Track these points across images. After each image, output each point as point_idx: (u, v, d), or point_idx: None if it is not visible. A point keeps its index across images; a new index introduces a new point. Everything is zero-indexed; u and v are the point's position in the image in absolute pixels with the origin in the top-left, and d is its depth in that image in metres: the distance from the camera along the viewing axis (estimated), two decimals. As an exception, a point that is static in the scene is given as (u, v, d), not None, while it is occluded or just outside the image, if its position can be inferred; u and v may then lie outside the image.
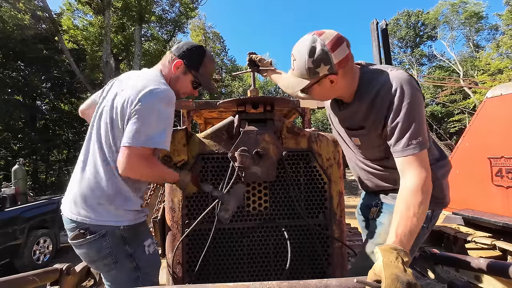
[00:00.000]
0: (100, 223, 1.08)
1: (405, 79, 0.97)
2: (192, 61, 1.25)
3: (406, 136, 0.94)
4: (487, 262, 1.70)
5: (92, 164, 1.12)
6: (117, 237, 1.10)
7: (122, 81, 1.23)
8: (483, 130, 3.27)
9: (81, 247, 1.10)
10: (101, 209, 1.09)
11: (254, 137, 1.29)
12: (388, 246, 0.75)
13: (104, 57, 14.97)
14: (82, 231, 1.07)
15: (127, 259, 1.11)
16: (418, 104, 0.95)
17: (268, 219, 1.37)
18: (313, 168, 1.40)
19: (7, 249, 4.05)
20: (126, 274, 1.12)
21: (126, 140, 1.03)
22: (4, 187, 4.99)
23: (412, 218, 0.82)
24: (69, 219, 1.12)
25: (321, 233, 1.38)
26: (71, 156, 20.62)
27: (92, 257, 1.10)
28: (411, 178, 0.90)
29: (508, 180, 3.00)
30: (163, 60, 1.28)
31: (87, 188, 1.10)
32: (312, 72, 0.99)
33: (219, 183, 1.34)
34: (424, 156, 0.94)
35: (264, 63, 1.57)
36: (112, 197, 1.10)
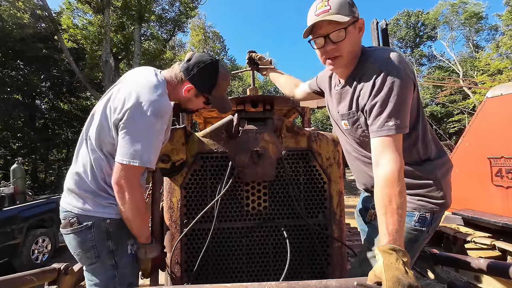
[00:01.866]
0: (87, 214, 1.09)
1: (393, 61, 0.94)
2: (203, 84, 1.19)
3: (383, 115, 0.91)
4: (487, 262, 1.69)
5: (81, 161, 1.14)
6: (102, 231, 1.10)
7: (116, 84, 1.22)
8: (483, 130, 3.27)
9: (68, 236, 1.12)
10: (88, 200, 1.11)
11: (253, 136, 1.28)
12: (387, 247, 0.74)
13: (103, 56, 14.94)
14: (71, 220, 1.09)
15: (108, 255, 1.11)
16: (401, 86, 0.91)
17: (267, 219, 1.36)
18: (312, 167, 1.39)
19: (5, 248, 4.03)
20: (104, 271, 1.11)
21: (119, 157, 1.04)
22: (3, 186, 4.97)
23: (396, 210, 0.81)
24: (62, 207, 1.15)
25: (320, 233, 1.37)
26: (70, 156, 20.58)
27: (76, 248, 1.11)
28: (386, 165, 0.87)
29: (508, 180, 2.99)
30: (170, 72, 1.22)
31: (75, 182, 1.13)
32: (350, 9, 0.96)
33: (218, 182, 1.33)
34: (400, 141, 0.90)
35: (264, 62, 1.56)
36: (95, 193, 1.11)
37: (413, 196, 1.04)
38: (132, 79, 1.16)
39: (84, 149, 1.15)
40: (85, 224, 1.08)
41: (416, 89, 0.99)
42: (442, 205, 1.04)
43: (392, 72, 0.92)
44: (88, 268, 1.14)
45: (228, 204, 1.35)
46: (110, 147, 1.10)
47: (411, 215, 1.04)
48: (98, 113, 1.13)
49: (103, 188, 1.12)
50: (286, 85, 1.52)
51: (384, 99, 0.91)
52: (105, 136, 1.10)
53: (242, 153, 1.24)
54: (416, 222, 1.03)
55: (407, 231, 1.02)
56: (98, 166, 1.11)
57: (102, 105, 1.15)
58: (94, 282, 1.13)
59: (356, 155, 1.17)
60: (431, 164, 1.05)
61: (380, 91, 0.92)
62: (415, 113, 1.03)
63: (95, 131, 1.12)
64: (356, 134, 1.10)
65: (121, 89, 1.12)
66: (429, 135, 1.08)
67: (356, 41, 1.02)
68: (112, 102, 1.10)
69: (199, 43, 27.61)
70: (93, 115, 1.19)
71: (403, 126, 0.91)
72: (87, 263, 1.12)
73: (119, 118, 1.04)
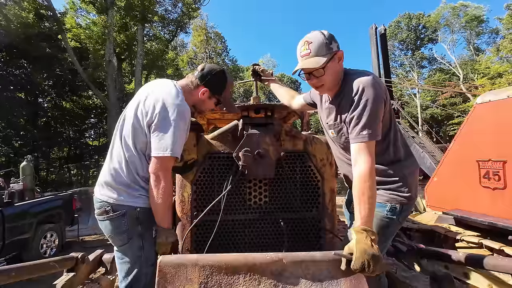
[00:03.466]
0: (121, 203, 1.28)
1: (367, 83, 1.15)
2: (215, 87, 1.44)
3: (359, 126, 1.12)
4: (465, 255, 1.88)
5: (116, 159, 1.33)
6: (133, 218, 1.29)
7: (143, 91, 1.42)
8: (473, 134, 3.43)
9: (104, 222, 1.31)
10: (122, 192, 1.30)
11: (256, 139, 1.46)
12: (359, 228, 0.93)
13: (106, 56, 15.11)
14: (107, 209, 1.28)
15: (138, 238, 1.30)
16: (373, 104, 1.12)
17: (268, 212, 1.53)
18: (308, 167, 1.57)
19: (16, 242, 4.20)
20: (133, 252, 1.30)
21: (155, 151, 1.23)
22: (13, 183, 5.15)
23: (368, 200, 1.00)
24: (98, 198, 1.33)
25: (314, 225, 1.54)
26: (72, 154, 20.73)
27: (111, 232, 1.30)
28: (361, 165, 1.07)
29: (495, 182, 3.15)
30: (187, 82, 1.45)
31: (111, 176, 1.32)
32: (328, 47, 1.19)
33: (224, 179, 1.51)
34: (372, 146, 1.10)
35: (266, 74, 1.74)
36: (129, 185, 1.30)
37: (386, 190, 1.24)
38: (157, 89, 1.36)
39: (118, 148, 1.34)
40: (119, 212, 1.27)
41: (387, 105, 1.20)
42: (409, 198, 1.24)
43: (366, 93, 1.13)
44: (120, 249, 1.33)
45: (232, 199, 1.52)
46: (142, 146, 1.30)
47: (384, 206, 1.23)
48: (130, 117, 1.33)
49: (135, 181, 1.31)
50: (284, 96, 1.71)
51: (359, 113, 1.13)
52: (138, 135, 1.29)
53: (246, 154, 1.41)
54: (388, 211, 1.23)
55: (381, 218, 1.22)
56: (132, 162, 1.30)
57: (132, 110, 1.34)
58: (124, 260, 1.32)
59: (342, 158, 1.36)
60: (400, 165, 1.26)
61: (357, 107, 1.14)
62: (388, 124, 1.24)
63: (129, 132, 1.31)
64: (341, 140, 1.31)
65: (148, 97, 1.33)
66: (399, 140, 1.28)
67: (336, 70, 1.24)
68: (143, 108, 1.30)
69: (201, 43, 27.79)
70: (124, 119, 1.38)
71: (375, 135, 1.12)
72: (119, 244, 1.31)
73: (151, 121, 1.26)
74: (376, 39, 6.91)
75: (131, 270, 1.29)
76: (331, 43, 1.20)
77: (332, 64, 1.21)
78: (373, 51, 6.96)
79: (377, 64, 6.93)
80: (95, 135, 23.50)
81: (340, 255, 0.81)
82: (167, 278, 0.72)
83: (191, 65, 27.83)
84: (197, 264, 0.75)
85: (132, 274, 1.28)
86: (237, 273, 0.75)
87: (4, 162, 14.52)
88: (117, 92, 15.94)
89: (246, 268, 0.75)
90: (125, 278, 1.29)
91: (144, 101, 1.32)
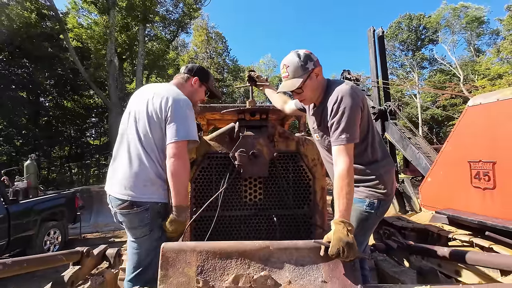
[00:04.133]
0: (145, 200, 1.38)
1: (345, 92, 1.28)
2: (203, 76, 1.66)
3: (338, 131, 1.24)
4: (450, 250, 1.98)
5: (136, 157, 1.41)
6: (155, 212, 1.40)
7: (146, 92, 1.53)
8: (465, 136, 3.53)
9: (127, 216, 1.39)
10: (146, 189, 1.39)
11: (251, 141, 1.57)
12: (338, 220, 1.05)
13: (108, 56, 15.23)
14: (131, 203, 1.37)
15: (158, 230, 1.40)
16: (350, 111, 1.24)
17: (262, 208, 1.64)
18: (300, 167, 1.67)
19: (21, 239, 4.31)
20: (151, 243, 1.40)
21: (172, 138, 1.36)
22: (17, 181, 5.26)
23: (345, 195, 1.11)
24: (117, 198, 1.41)
25: (306, 221, 1.65)
26: (73, 153, 20.87)
27: (134, 224, 1.39)
28: (340, 165, 1.19)
29: (485, 182, 3.25)
30: (178, 80, 1.64)
31: (134, 174, 1.40)
32: (303, 68, 1.33)
33: (221, 178, 1.62)
34: (350, 148, 1.22)
35: (261, 79, 1.86)
36: (154, 180, 1.40)
37: (365, 187, 1.36)
38: (159, 89, 1.51)
39: (137, 148, 1.42)
40: (143, 207, 1.37)
41: (365, 111, 1.33)
42: (385, 194, 1.36)
43: (344, 102, 1.25)
44: (138, 240, 1.41)
45: (229, 196, 1.63)
46: (160, 141, 1.42)
47: (363, 201, 1.34)
48: (143, 117, 1.44)
49: (159, 175, 1.41)
50: (277, 101, 1.82)
51: (338, 119, 1.25)
52: (156, 131, 1.41)
53: (242, 154, 1.52)
54: (367, 206, 1.35)
55: (360, 212, 1.33)
56: (154, 158, 1.41)
57: (143, 111, 1.45)
58: (139, 250, 1.41)
59: (327, 158, 1.48)
60: (377, 165, 1.37)
61: (336, 114, 1.26)
62: (366, 128, 1.36)
63: (146, 131, 1.42)
64: (324, 143, 1.43)
65: (155, 96, 1.45)
66: (376, 143, 1.40)
67: (315, 86, 1.38)
68: (153, 107, 1.43)
69: (202, 43, 27.89)
70: (135, 120, 1.47)
71: (353, 138, 1.24)
72: (140, 235, 1.39)
73: (165, 114, 1.40)
74: (374, 41, 6.99)
75: (146, 259, 1.38)
76: (307, 63, 1.33)
77: (309, 82, 1.35)
78: (371, 53, 7.04)
79: (375, 66, 7.02)
80: (96, 134, 23.63)
81: (319, 243, 0.92)
82: (169, 261, 0.83)
83: (192, 65, 27.90)
84: (195, 250, 0.86)
85: (146, 262, 1.38)
86: (230, 258, 0.85)
87: (6, 161, 14.65)
88: (118, 91, 16.07)
89: (238, 254, 0.86)
90: (138, 266, 1.39)
91: (152, 100, 1.45)
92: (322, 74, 1.38)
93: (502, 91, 3.21)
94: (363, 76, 8.65)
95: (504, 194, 3.02)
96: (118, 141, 1.51)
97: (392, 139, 6.35)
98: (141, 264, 1.39)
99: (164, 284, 0.80)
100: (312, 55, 1.35)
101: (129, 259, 1.45)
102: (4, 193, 4.32)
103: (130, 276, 1.41)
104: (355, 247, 0.93)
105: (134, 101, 1.54)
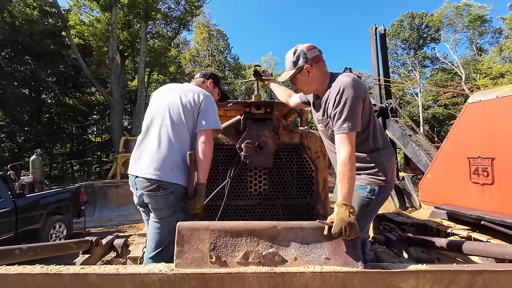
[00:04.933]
0: (171, 181, 1.48)
1: (347, 83, 1.35)
2: (215, 79, 1.89)
3: (341, 120, 1.31)
4: (447, 241, 2.05)
5: (167, 142, 1.54)
6: (179, 194, 1.50)
7: (175, 88, 1.71)
8: (464, 133, 3.58)
9: (155, 197, 1.47)
10: (173, 172, 1.49)
11: (256, 133, 1.63)
12: (341, 203, 1.11)
13: (110, 53, 15.27)
14: (158, 186, 1.46)
15: (180, 211, 1.50)
16: (352, 101, 1.31)
17: (266, 198, 1.71)
18: (303, 158, 1.74)
19: (28, 231, 4.40)
20: (173, 223, 1.46)
21: (204, 126, 1.55)
22: (23, 175, 5.35)
23: (347, 180, 1.18)
24: (145, 178, 1.50)
25: (308, 211, 1.72)
26: (75, 150, 20.98)
27: (160, 205, 1.48)
28: (342, 152, 1.26)
29: (484, 178, 3.31)
30: (196, 82, 1.85)
31: (163, 157, 1.51)
32: (295, 64, 1.45)
33: (228, 168, 1.68)
34: (352, 137, 1.29)
35: (266, 74, 1.92)
36: (180, 163, 1.52)
37: (366, 174, 1.43)
38: (189, 87, 1.71)
39: (168, 134, 1.55)
40: (169, 189, 1.47)
41: (366, 102, 1.39)
42: (385, 181, 1.43)
43: (346, 93, 1.32)
44: (162, 220, 1.50)
45: (235, 186, 1.70)
46: (192, 129, 1.59)
47: (364, 188, 1.41)
48: (178, 108, 1.59)
49: (184, 160, 1.52)
50: (282, 94, 1.88)
51: (340, 109, 1.32)
52: (189, 119, 1.58)
53: (247, 146, 1.59)
54: (368, 192, 1.41)
55: (362, 198, 1.40)
56: (186, 143, 1.57)
57: (177, 102, 1.61)
58: (161, 230, 1.50)
59: (330, 148, 1.54)
60: (378, 153, 1.44)
61: (339, 105, 1.33)
62: (367, 118, 1.43)
63: (180, 119, 1.57)
64: (328, 133, 1.50)
65: (188, 93, 1.63)
66: (377, 132, 1.46)
67: (306, 81, 1.49)
68: (186, 99, 1.61)
69: (203, 41, 27.90)
70: (169, 111, 1.60)
71: (354, 127, 1.30)
72: (164, 216, 1.49)
73: (198, 106, 1.59)
74: (376, 39, 7.02)
75: (167, 239, 1.47)
76: (298, 60, 1.45)
77: (300, 77, 1.47)
78: (373, 51, 7.08)
79: (376, 63, 7.05)
80: (97, 131, 23.73)
81: (323, 223, 0.99)
82: (184, 238, 0.90)
83: (193, 62, 27.96)
84: (208, 229, 0.93)
85: (167, 241, 1.47)
86: (240, 236, 0.92)
87: (9, 157, 14.76)
88: (120, 89, 16.13)
89: (247, 232, 0.93)
90: (159, 245, 1.49)
91: (185, 93, 1.63)
92: (320, 69, 1.46)
93: (502, 88, 3.26)
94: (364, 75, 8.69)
95: (502, 189, 3.08)
96: (144, 131, 1.64)
97: (393, 136, 6.41)
98: (163, 243, 1.48)
99: (180, 259, 0.87)
100: (309, 52, 1.44)
101: (151, 238, 1.54)
102: (12, 187, 4.40)
103: (151, 253, 1.49)
104: (357, 227, 1.00)
105: (160, 96, 1.69)
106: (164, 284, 0.81)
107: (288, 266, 0.88)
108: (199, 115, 1.60)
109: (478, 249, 1.79)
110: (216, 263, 0.87)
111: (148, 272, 0.82)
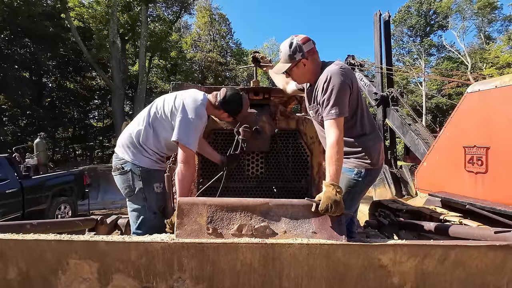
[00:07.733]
0: (128, 160, 1.59)
1: (334, 72, 1.40)
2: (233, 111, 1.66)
3: (329, 106, 1.38)
4: (435, 225, 2.15)
5: (136, 123, 1.64)
6: (136, 175, 1.59)
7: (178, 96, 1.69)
8: (461, 122, 3.62)
9: (116, 177, 1.63)
10: (129, 151, 1.61)
11: (254, 118, 1.69)
12: (328, 183, 1.20)
13: (111, 37, 15.05)
14: (118, 166, 1.61)
15: (140, 191, 1.60)
16: (339, 88, 1.37)
17: (263, 181, 1.79)
18: (299, 143, 1.81)
19: (34, 212, 4.58)
20: (138, 202, 1.61)
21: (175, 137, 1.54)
22: (28, 158, 5.47)
23: (335, 162, 1.26)
24: (117, 156, 1.65)
25: (303, 193, 1.80)
26: (76, 135, 21.11)
27: (120, 185, 1.62)
28: (331, 136, 1.34)
29: (478, 166, 3.38)
30: (213, 98, 1.68)
31: (127, 136, 1.64)
32: (291, 57, 1.47)
33: (226, 152, 1.76)
34: (340, 122, 1.36)
35: (265, 61, 1.95)
36: (137, 144, 1.61)
37: (353, 158, 1.51)
38: (184, 95, 1.67)
39: (144, 118, 1.64)
40: (125, 169, 1.58)
41: (354, 88, 1.45)
42: (371, 164, 1.50)
43: (333, 81, 1.39)
44: (129, 199, 1.64)
45: (233, 169, 1.78)
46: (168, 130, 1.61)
47: (352, 170, 1.49)
48: (160, 107, 1.65)
49: (144, 143, 1.61)
50: (280, 81, 1.92)
51: (328, 96, 1.39)
52: (164, 122, 1.62)
53: (245, 130, 1.65)
54: (355, 175, 1.49)
55: (349, 180, 1.49)
56: (150, 129, 1.63)
57: (169, 105, 1.63)
58: (132, 208, 1.64)
59: (321, 133, 1.61)
60: (365, 138, 1.52)
61: (326, 92, 1.40)
62: (355, 104, 1.49)
63: (161, 115, 1.62)
64: (318, 119, 1.57)
65: (177, 98, 1.64)
66: (365, 118, 1.53)
67: (301, 73, 1.52)
68: (167, 105, 1.64)
69: (205, 25, 27.28)
70: (159, 106, 1.67)
71: (342, 113, 1.37)
72: (128, 195, 1.62)
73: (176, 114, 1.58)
74: (380, 26, 6.89)
75: (138, 216, 1.61)
76: (295, 54, 1.46)
77: (296, 69, 1.51)
78: (376, 38, 6.96)
79: (379, 51, 6.96)
80: (99, 116, 23.76)
81: (311, 200, 1.07)
82: (184, 212, 0.98)
83: (194, 47, 27.50)
84: (206, 204, 1.01)
85: (140, 219, 1.60)
86: (235, 211, 1.01)
87: (12, 141, 14.91)
88: (121, 73, 16.01)
89: (242, 208, 1.01)
90: (135, 222, 1.63)
91: (173, 101, 1.64)
92: (315, 60, 1.50)
93: (501, 78, 3.26)
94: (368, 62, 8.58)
95: (495, 178, 3.15)
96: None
97: (392, 125, 6.43)
98: (137, 220, 1.62)
99: (180, 230, 0.96)
100: (305, 45, 1.45)
101: (129, 216, 1.71)
102: (18, 169, 4.53)
103: (133, 229, 1.66)
104: (342, 205, 1.08)
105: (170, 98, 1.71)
106: (166, 252, 0.90)
107: (278, 238, 0.97)
108: (176, 120, 1.57)
109: (461, 232, 1.89)
110: (213, 234, 0.96)
111: (152, 241, 0.90)
